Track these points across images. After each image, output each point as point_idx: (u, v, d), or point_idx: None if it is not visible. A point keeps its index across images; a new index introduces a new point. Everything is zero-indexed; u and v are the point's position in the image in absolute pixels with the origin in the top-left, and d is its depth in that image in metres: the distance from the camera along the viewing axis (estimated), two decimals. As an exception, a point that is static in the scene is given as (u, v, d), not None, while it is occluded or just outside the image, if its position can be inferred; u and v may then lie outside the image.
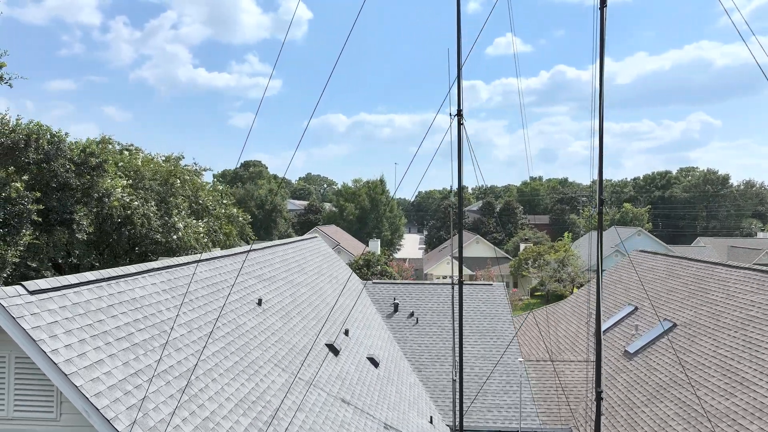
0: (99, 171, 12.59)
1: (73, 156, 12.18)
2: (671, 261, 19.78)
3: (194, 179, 22.50)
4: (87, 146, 12.57)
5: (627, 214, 68.09)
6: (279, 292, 12.38)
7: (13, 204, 10.11)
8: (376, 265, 45.09)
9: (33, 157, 11.42)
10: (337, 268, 19.67)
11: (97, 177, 12.54)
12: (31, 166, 11.53)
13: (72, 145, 12.50)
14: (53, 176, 11.67)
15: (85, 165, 12.38)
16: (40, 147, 11.52)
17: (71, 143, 12.47)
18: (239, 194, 74.76)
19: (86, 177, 12.45)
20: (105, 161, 12.71)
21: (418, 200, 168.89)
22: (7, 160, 11.13)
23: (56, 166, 11.62)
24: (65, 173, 11.74)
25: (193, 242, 19.31)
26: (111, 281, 7.30)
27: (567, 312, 22.45)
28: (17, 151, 11.12)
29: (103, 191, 12.73)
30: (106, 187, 12.77)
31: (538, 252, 45.45)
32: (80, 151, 12.43)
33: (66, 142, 11.80)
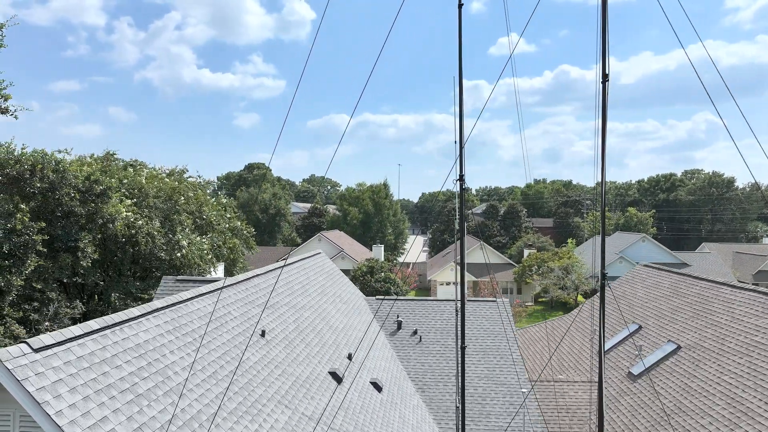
0: (103, 198, 12.63)
1: (78, 183, 12.22)
2: (675, 278, 19.70)
3: (198, 194, 22.55)
4: (91, 173, 12.61)
5: (631, 219, 67.88)
6: (282, 320, 12.40)
7: (18, 235, 10.17)
8: (379, 272, 45.11)
9: (38, 186, 11.48)
10: (341, 285, 19.68)
11: (101, 203, 12.58)
12: (37, 195, 11.59)
13: (77, 170, 12.54)
14: (58, 204, 11.72)
15: (90, 192, 12.43)
16: (45, 176, 11.58)
17: (76, 169, 12.50)
18: (243, 198, 74.92)
19: (91, 205, 12.49)
20: (109, 188, 12.76)
21: (422, 201, 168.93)
22: (12, 189, 11.18)
23: (61, 194, 11.67)
24: (70, 201, 11.79)
25: (197, 259, 19.36)
26: (115, 327, 7.33)
27: (571, 327, 22.38)
28: (23, 181, 11.17)
29: (107, 216, 12.78)
30: (110, 212, 12.81)
31: (542, 259, 45.36)
32: (84, 179, 12.47)
33: (70, 172, 11.84)
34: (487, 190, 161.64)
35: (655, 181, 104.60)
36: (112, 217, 12.98)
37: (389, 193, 74.65)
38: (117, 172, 19.94)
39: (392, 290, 43.78)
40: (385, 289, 43.61)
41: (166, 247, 18.41)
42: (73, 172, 12.04)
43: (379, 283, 43.82)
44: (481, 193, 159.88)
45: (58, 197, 11.69)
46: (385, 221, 71.81)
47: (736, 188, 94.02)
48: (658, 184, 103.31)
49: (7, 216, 10.23)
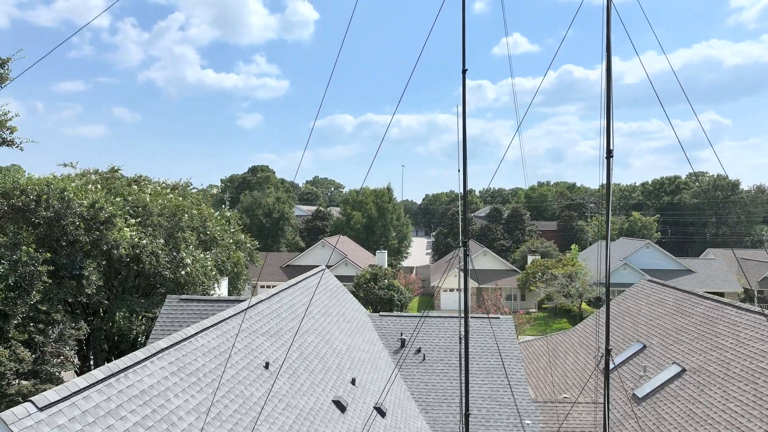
0: (108, 224, 12.67)
1: (83, 211, 12.26)
2: (680, 295, 19.62)
3: (202, 209, 22.57)
4: (96, 201, 12.64)
5: (635, 224, 67.68)
6: (286, 348, 12.40)
7: (23, 266, 10.21)
8: (383, 279, 45.11)
9: (43, 215, 11.52)
10: (344, 302, 19.68)
11: (105, 230, 12.63)
12: (42, 225, 11.63)
13: (81, 196, 12.56)
14: (63, 233, 11.76)
15: (95, 220, 12.48)
16: (51, 206, 11.62)
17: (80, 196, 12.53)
18: (247, 202, 75.03)
19: (95, 233, 12.54)
20: (114, 215, 12.79)
21: (425, 203, 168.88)
22: (18, 219, 11.23)
23: (66, 223, 11.72)
24: (75, 230, 11.83)
25: (201, 277, 19.39)
26: (120, 375, 7.35)
27: (575, 342, 22.34)
28: (28, 211, 11.22)
29: (112, 243, 12.82)
30: (114, 238, 12.86)
31: (546, 266, 45.27)
32: (89, 206, 12.51)
33: (75, 201, 11.87)
34: (490, 191, 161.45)
35: (659, 183, 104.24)
36: (116, 243, 13.01)
37: (392, 197, 74.65)
38: (121, 188, 20.01)
39: (396, 298, 43.80)
40: (388, 297, 43.62)
41: (170, 265, 18.44)
42: (78, 200, 12.08)
43: (382, 290, 43.83)
44: (484, 194, 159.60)
45: (63, 226, 11.74)
46: (388, 225, 71.82)
47: (741, 191, 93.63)
48: (662, 186, 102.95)
49: (13, 247, 10.27)
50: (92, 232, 12.46)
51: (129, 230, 16.71)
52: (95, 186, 18.88)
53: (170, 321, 17.54)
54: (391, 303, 43.83)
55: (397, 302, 44.03)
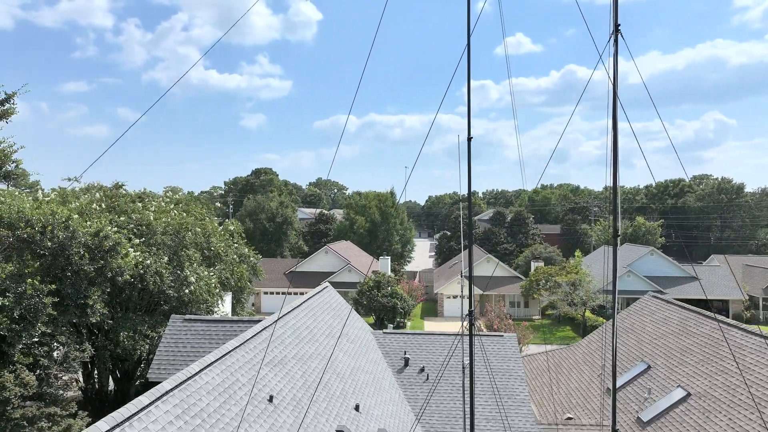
0: (112, 253, 12.70)
1: (87, 240, 12.29)
2: (684, 314, 19.54)
3: (206, 223, 22.59)
4: (100, 229, 12.67)
5: (639, 229, 67.48)
6: (290, 377, 12.40)
7: (28, 298, 10.24)
8: (386, 286, 45.10)
9: (48, 246, 11.55)
10: (348, 320, 19.66)
11: (110, 258, 12.66)
12: (47, 256, 11.66)
13: (86, 225, 12.58)
14: (68, 263, 11.79)
15: (99, 248, 12.51)
16: (55, 236, 11.65)
17: (85, 225, 12.55)
18: (250, 206, 75.12)
19: (100, 262, 12.57)
20: (118, 243, 12.82)
21: (429, 205, 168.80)
22: (23, 250, 11.26)
23: (71, 253, 11.75)
24: (79, 260, 11.86)
25: (205, 294, 19.41)
26: (124, 424, 7.35)
27: (579, 359, 22.28)
28: (33, 243, 11.25)
29: (116, 270, 12.85)
30: (119, 265, 12.88)
31: (549, 273, 45.17)
32: (94, 235, 12.53)
33: (80, 231, 11.90)
34: (493, 193, 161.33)
35: (663, 186, 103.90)
36: (121, 270, 13.04)
37: (396, 201, 74.63)
38: (125, 205, 20.04)
39: (399, 305, 43.78)
40: (392, 305, 43.61)
41: (174, 284, 18.47)
42: (83, 230, 12.10)
43: (385, 298, 43.83)
44: (487, 196, 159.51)
45: (68, 256, 11.78)
46: (391, 230, 71.81)
47: (746, 194, 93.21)
48: (667, 189, 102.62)
49: (18, 278, 10.27)
50: (97, 260, 12.49)
51: (133, 251, 16.74)
52: (99, 205, 18.93)
53: (174, 342, 17.57)
54: (394, 311, 43.83)
55: (400, 310, 44.02)
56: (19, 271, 10.66)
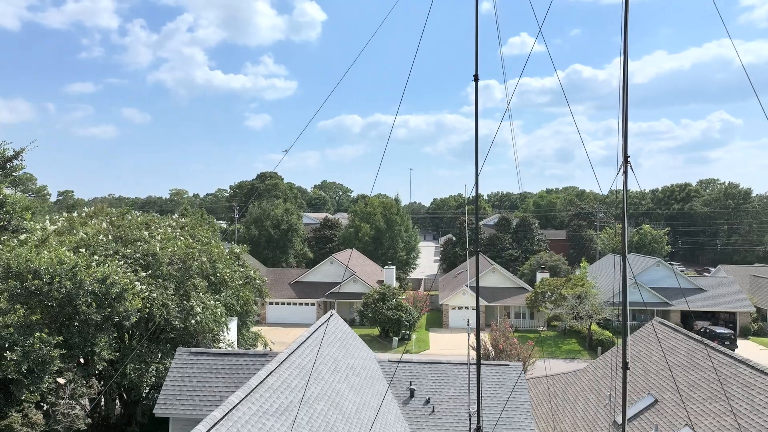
0: (120, 299, 12.75)
1: (94, 288, 12.34)
2: (692, 345, 19.41)
3: (211, 248, 22.62)
4: (107, 275, 12.72)
5: (645, 237, 67.19)
6: (296, 425, 12.40)
7: (36, 352, 10.29)
8: (391, 299, 45.12)
9: (56, 296, 11.61)
10: (353, 350, 19.66)
11: (117, 304, 12.71)
12: (54, 306, 11.72)
13: (93, 272, 12.63)
14: (75, 313, 11.84)
15: (106, 296, 12.56)
16: (63, 287, 11.71)
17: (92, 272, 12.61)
18: (256, 213, 75.25)
19: (107, 309, 12.62)
20: (125, 289, 12.87)
21: (433, 207, 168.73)
22: (31, 300, 11.33)
23: (78, 303, 11.80)
24: (86, 309, 11.92)
25: (211, 324, 19.45)
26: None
27: (584, 386, 22.19)
28: (41, 294, 11.31)
29: (123, 314, 12.90)
30: (126, 309, 12.93)
31: (555, 285, 45.03)
32: (101, 282, 12.58)
33: (86, 280, 11.95)
34: (498, 195, 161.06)
35: (669, 191, 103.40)
36: (128, 314, 13.09)
37: (400, 208, 74.60)
38: (131, 234, 20.10)
39: (404, 318, 43.78)
40: (396, 317, 43.63)
41: (180, 315, 18.51)
42: (89, 279, 12.15)
43: (390, 310, 43.86)
44: (492, 198, 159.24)
45: (75, 305, 11.83)
46: (396, 237, 71.78)
47: (754, 198, 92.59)
48: (673, 194, 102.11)
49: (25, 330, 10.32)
50: (104, 308, 12.54)
51: (140, 284, 16.79)
52: (106, 236, 19.00)
53: (180, 376, 17.62)
54: (399, 323, 43.87)
55: (405, 322, 44.05)
56: (27, 322, 10.71)
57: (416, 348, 42.60)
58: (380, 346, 43.40)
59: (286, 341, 45.40)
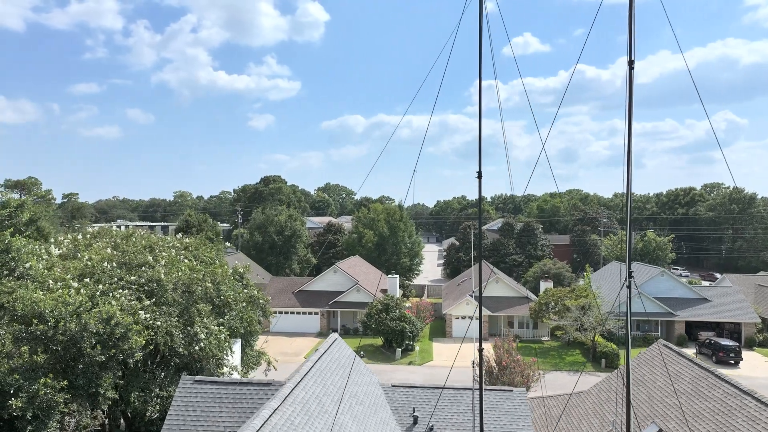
0: (124, 339, 12.80)
1: (98, 329, 12.38)
2: (697, 372, 19.32)
3: (215, 268, 22.65)
4: (112, 315, 12.76)
5: (650, 244, 66.99)
6: (300, 468, 12.40)
7: (41, 397, 10.35)
8: (394, 309, 45.13)
9: (60, 340, 11.67)
10: (356, 375, 19.65)
11: (122, 343, 12.76)
12: (59, 350, 11.78)
13: (97, 312, 12.66)
14: (80, 355, 11.89)
15: (111, 336, 12.61)
16: (67, 330, 11.76)
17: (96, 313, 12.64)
18: (259, 219, 75.37)
19: (111, 351, 12.67)
20: (129, 329, 12.92)
21: (437, 210, 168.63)
22: (35, 344, 11.38)
23: (83, 346, 11.86)
24: (90, 351, 11.97)
25: (215, 350, 19.49)
26: None
27: (588, 409, 22.14)
28: (46, 339, 11.36)
29: (128, 352, 12.96)
30: (130, 347, 12.99)
31: (559, 296, 44.94)
32: (105, 322, 12.62)
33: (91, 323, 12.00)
34: (502, 198, 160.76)
35: (674, 194, 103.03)
36: (132, 351, 13.15)
37: (404, 215, 74.58)
38: (135, 258, 20.14)
39: (407, 329, 43.77)
40: (400, 328, 43.62)
41: (184, 341, 18.55)
42: (94, 321, 12.19)
43: (394, 321, 43.85)
44: (496, 201, 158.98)
45: (80, 347, 11.89)
46: (400, 243, 71.77)
47: (759, 204, 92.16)
48: (677, 198, 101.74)
49: (30, 374, 10.38)
50: (108, 349, 12.59)
51: (144, 313, 16.83)
52: (111, 263, 19.05)
53: (184, 405, 17.65)
54: (402, 334, 43.87)
55: (408, 333, 44.05)
56: (32, 366, 10.78)
57: (420, 360, 42.59)
58: (384, 357, 43.44)
59: (290, 351, 45.47)
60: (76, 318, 12.03)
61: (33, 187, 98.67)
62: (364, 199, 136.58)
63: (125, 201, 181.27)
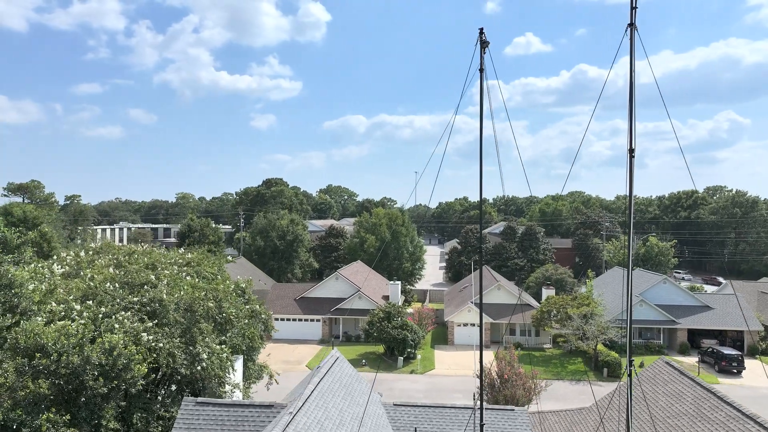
0: (126, 369, 12.84)
1: (101, 360, 12.43)
2: (700, 393, 19.28)
3: (218, 285, 22.69)
4: (114, 345, 12.81)
5: (652, 249, 66.93)
6: (301, 500, 12.43)
7: (44, 432, 10.44)
8: (396, 317, 45.15)
9: (63, 373, 11.71)
10: (359, 395, 19.67)
11: (124, 373, 12.80)
12: (62, 384, 11.82)
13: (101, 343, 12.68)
14: (82, 388, 11.94)
15: (113, 368, 12.66)
16: (70, 363, 11.81)
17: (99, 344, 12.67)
18: (261, 224, 75.48)
19: (114, 381, 12.71)
20: (131, 359, 12.95)
21: (439, 211, 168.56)
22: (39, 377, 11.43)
23: (86, 379, 11.91)
24: (93, 383, 12.02)
25: (217, 370, 19.53)
26: None
27: (590, 427, 22.11)
28: (50, 373, 11.42)
29: (130, 381, 13.01)
30: (133, 377, 13.03)
31: (561, 305, 44.91)
32: (107, 353, 12.66)
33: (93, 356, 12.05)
34: (503, 199, 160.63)
35: (676, 198, 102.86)
36: (134, 381, 13.20)
37: (406, 220, 74.60)
38: (138, 277, 20.19)
39: (409, 338, 43.80)
40: (402, 337, 43.64)
41: (186, 362, 18.60)
42: (96, 354, 12.23)
43: (396, 330, 43.87)
44: (498, 203, 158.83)
45: (83, 380, 11.93)
46: (402, 248, 71.79)
47: (762, 207, 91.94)
48: (680, 201, 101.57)
49: (33, 408, 10.43)
50: (111, 380, 12.63)
51: (146, 335, 16.89)
52: (113, 284, 19.11)
53: (186, 427, 17.68)
54: (404, 343, 43.89)
55: (410, 342, 44.06)
56: (35, 399, 10.83)
57: (421, 368, 42.62)
58: (386, 365, 43.47)
59: (292, 360, 45.52)
60: (79, 349, 12.08)
61: (35, 190, 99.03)
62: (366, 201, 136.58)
63: (127, 203, 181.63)
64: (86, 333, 12.86)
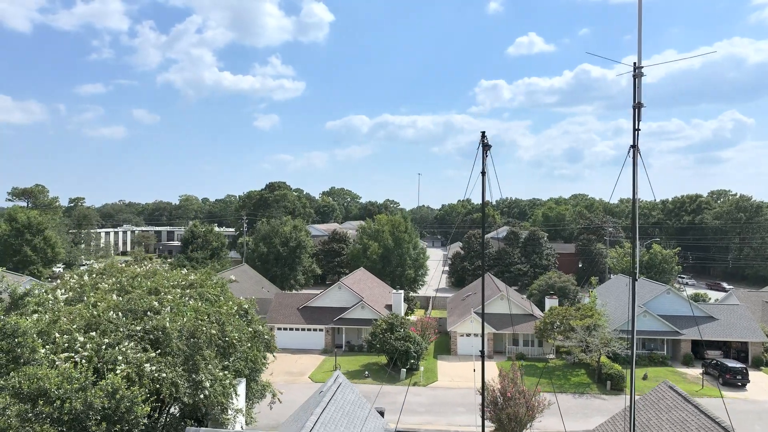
0: (129, 411, 12.86)
1: (104, 404, 12.44)
2: (703, 422, 19.22)
3: (221, 306, 22.69)
4: (117, 389, 12.82)
5: (656, 257, 66.75)
6: None
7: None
8: (399, 328, 45.14)
9: (66, 419, 11.74)
10: (360, 421, 19.69)
11: (127, 415, 12.82)
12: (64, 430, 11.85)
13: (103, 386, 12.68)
14: (84, 431, 11.97)
15: (116, 411, 12.67)
16: (73, 408, 11.83)
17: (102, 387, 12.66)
18: (264, 230, 75.58)
19: (116, 426, 12.74)
20: (134, 402, 12.96)
21: (442, 213, 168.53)
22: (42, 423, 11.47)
23: (89, 425, 11.93)
24: (95, 428, 12.04)
25: (220, 397, 19.54)
26: None
27: (594, 452, 22.07)
28: (54, 421, 11.46)
29: (132, 422, 13.04)
30: (135, 417, 13.06)
31: (564, 316, 44.84)
32: (110, 396, 12.66)
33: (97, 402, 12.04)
34: (507, 202, 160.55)
35: (680, 202, 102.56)
36: (137, 421, 13.23)
37: (408, 227, 74.57)
38: (141, 303, 20.21)
39: (412, 349, 43.79)
40: (404, 348, 43.63)
41: (189, 390, 18.60)
42: (98, 399, 12.23)
43: (399, 341, 43.86)
44: (501, 205, 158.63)
45: (85, 426, 11.95)
46: (404, 255, 71.79)
47: (766, 212, 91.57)
48: (683, 205, 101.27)
49: None
50: (113, 424, 12.66)
51: (149, 366, 16.90)
52: (116, 312, 19.13)
53: (189, 458, 17.76)
54: (407, 354, 43.88)
55: (413, 353, 44.06)
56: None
57: (424, 380, 42.62)
58: (389, 377, 43.46)
59: (295, 371, 45.55)
60: (82, 394, 12.10)
61: (39, 194, 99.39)
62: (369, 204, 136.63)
63: (131, 205, 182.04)
64: (89, 374, 12.88)
